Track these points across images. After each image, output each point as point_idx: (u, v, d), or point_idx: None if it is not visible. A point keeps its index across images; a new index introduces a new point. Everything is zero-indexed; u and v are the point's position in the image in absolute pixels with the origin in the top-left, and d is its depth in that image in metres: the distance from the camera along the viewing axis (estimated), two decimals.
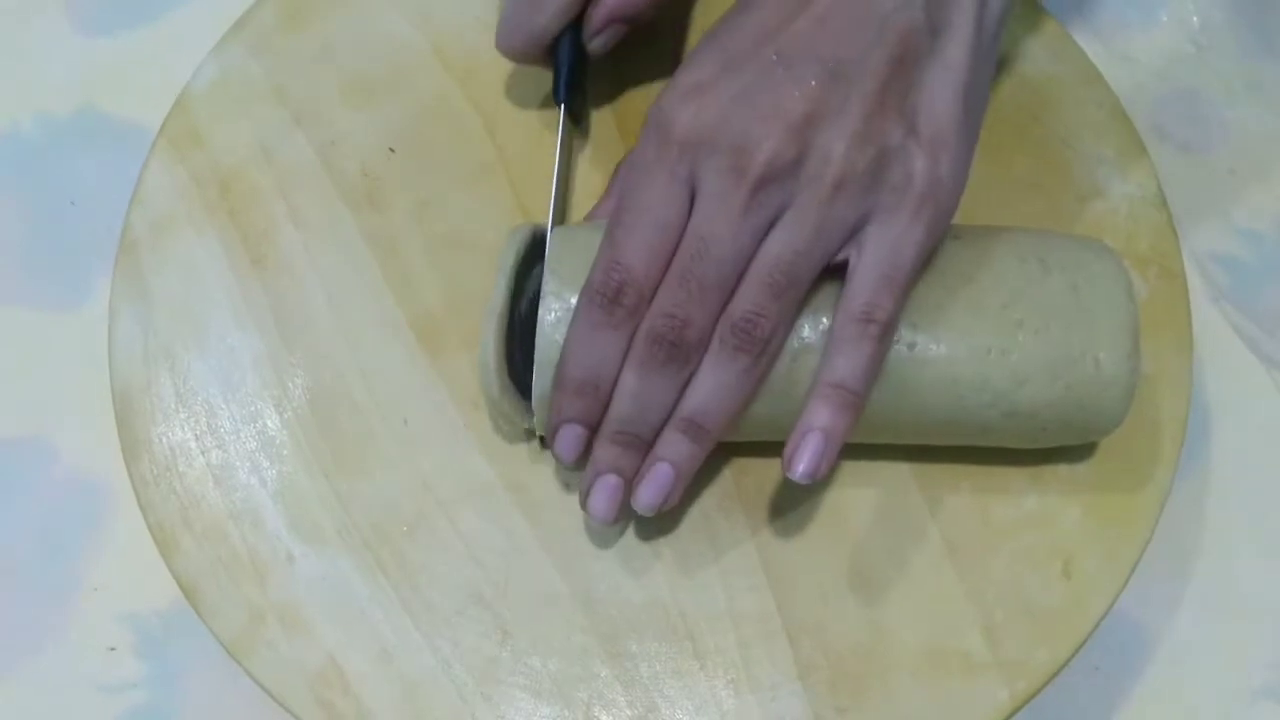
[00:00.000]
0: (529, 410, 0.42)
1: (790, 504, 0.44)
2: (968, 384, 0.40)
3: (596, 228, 0.43)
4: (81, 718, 0.47)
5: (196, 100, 0.50)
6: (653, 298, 0.39)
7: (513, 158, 0.49)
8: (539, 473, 0.44)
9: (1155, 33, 0.57)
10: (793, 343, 0.40)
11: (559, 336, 0.40)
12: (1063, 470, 0.44)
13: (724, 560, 0.43)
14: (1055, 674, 0.41)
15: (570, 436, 0.40)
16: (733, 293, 0.39)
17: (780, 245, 0.38)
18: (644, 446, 0.40)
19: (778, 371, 0.40)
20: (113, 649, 0.48)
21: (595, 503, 0.40)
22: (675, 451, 0.39)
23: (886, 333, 0.39)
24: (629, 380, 0.39)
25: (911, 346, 0.40)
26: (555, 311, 0.40)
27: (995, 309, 0.40)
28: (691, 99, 0.39)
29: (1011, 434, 0.41)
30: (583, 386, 0.39)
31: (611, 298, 0.39)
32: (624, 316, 0.39)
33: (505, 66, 0.50)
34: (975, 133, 0.40)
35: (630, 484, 0.40)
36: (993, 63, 0.41)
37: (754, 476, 0.44)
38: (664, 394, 0.39)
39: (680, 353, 0.38)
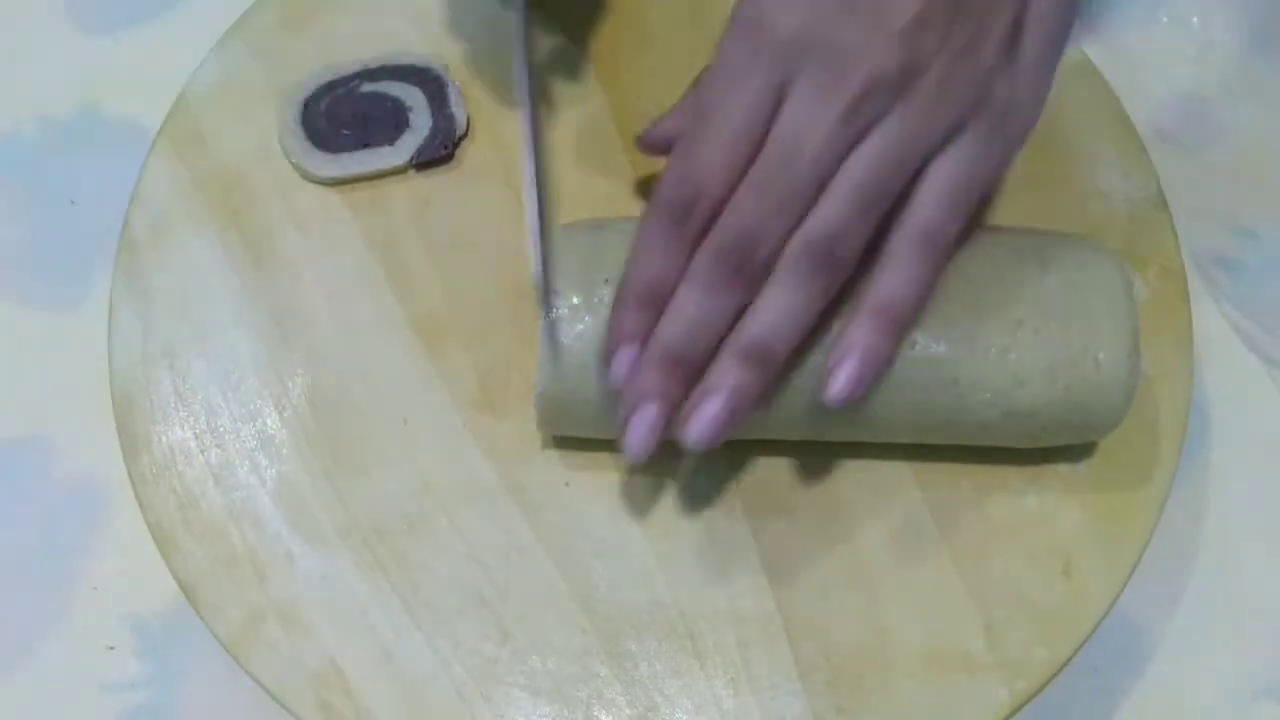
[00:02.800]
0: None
1: (791, 503, 0.44)
2: (967, 383, 0.40)
3: (599, 226, 0.43)
4: (81, 717, 0.47)
5: (196, 100, 0.50)
6: None
7: (513, 158, 0.49)
8: (539, 473, 0.44)
9: (1155, 33, 0.57)
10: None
11: (561, 336, 0.40)
12: (1063, 470, 0.44)
13: (724, 560, 0.43)
14: (1055, 674, 0.41)
15: (628, 358, 0.37)
16: (807, 210, 0.36)
17: (873, 157, 0.36)
18: (692, 375, 0.37)
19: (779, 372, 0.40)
20: (112, 649, 0.47)
21: (634, 434, 0.36)
22: (736, 380, 0.36)
23: (946, 255, 0.37)
24: (686, 297, 0.36)
25: (912, 345, 0.40)
26: (557, 309, 0.40)
27: (995, 308, 0.40)
28: (796, 2, 0.36)
29: (1011, 433, 0.41)
30: (645, 299, 0.36)
31: (685, 209, 0.36)
32: (696, 230, 0.36)
33: (506, 65, 0.50)
34: (1062, 49, 0.39)
35: (672, 415, 0.37)
36: (1078, 6, 0.39)
37: (755, 475, 0.44)
38: (723, 315, 0.36)
39: (748, 270, 0.36)
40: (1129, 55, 0.56)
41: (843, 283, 0.37)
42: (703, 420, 0.36)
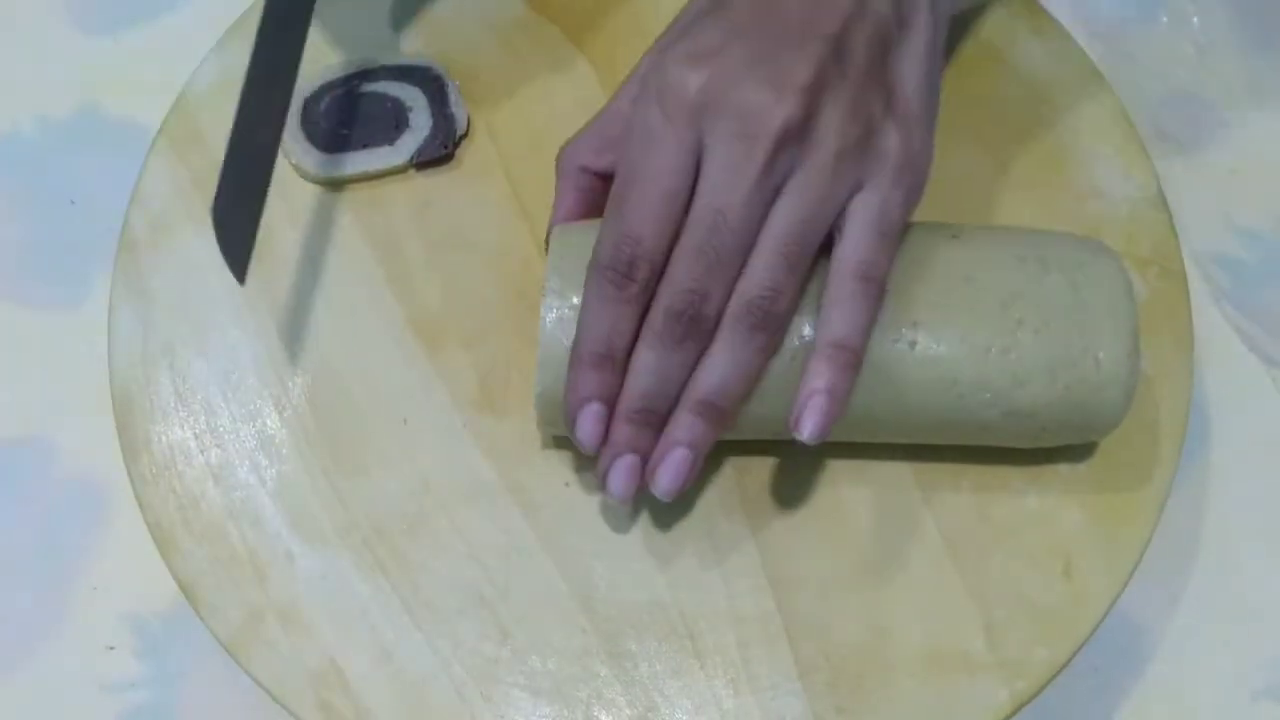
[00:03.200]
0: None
1: (791, 503, 0.44)
2: (968, 383, 0.40)
3: (598, 226, 0.43)
4: (81, 717, 0.47)
5: (196, 100, 0.50)
6: (664, 269, 0.39)
7: (513, 158, 0.49)
8: (539, 473, 0.44)
9: (1155, 33, 0.57)
10: (793, 341, 0.40)
11: (562, 335, 0.40)
12: (1063, 470, 0.44)
13: (724, 560, 0.43)
14: (1055, 674, 0.41)
15: (591, 417, 0.39)
16: (742, 266, 0.39)
17: (789, 214, 0.38)
18: (660, 424, 0.40)
19: (777, 371, 0.40)
20: (112, 649, 0.47)
21: (614, 483, 0.40)
22: (691, 433, 0.39)
23: (882, 290, 0.39)
24: (647, 357, 0.39)
25: (912, 345, 0.40)
26: (557, 310, 0.40)
27: (995, 308, 0.40)
28: (700, 65, 0.39)
29: (1011, 433, 0.41)
30: (599, 359, 0.39)
31: (624, 272, 0.38)
32: (637, 291, 0.39)
33: (506, 67, 0.50)
34: (935, 116, 0.42)
35: (646, 462, 0.40)
36: (941, 60, 0.43)
37: (755, 476, 0.44)
38: (681, 370, 0.39)
39: (699, 328, 0.39)
40: (1129, 55, 0.56)
41: (785, 329, 0.40)
42: (669, 471, 0.39)
